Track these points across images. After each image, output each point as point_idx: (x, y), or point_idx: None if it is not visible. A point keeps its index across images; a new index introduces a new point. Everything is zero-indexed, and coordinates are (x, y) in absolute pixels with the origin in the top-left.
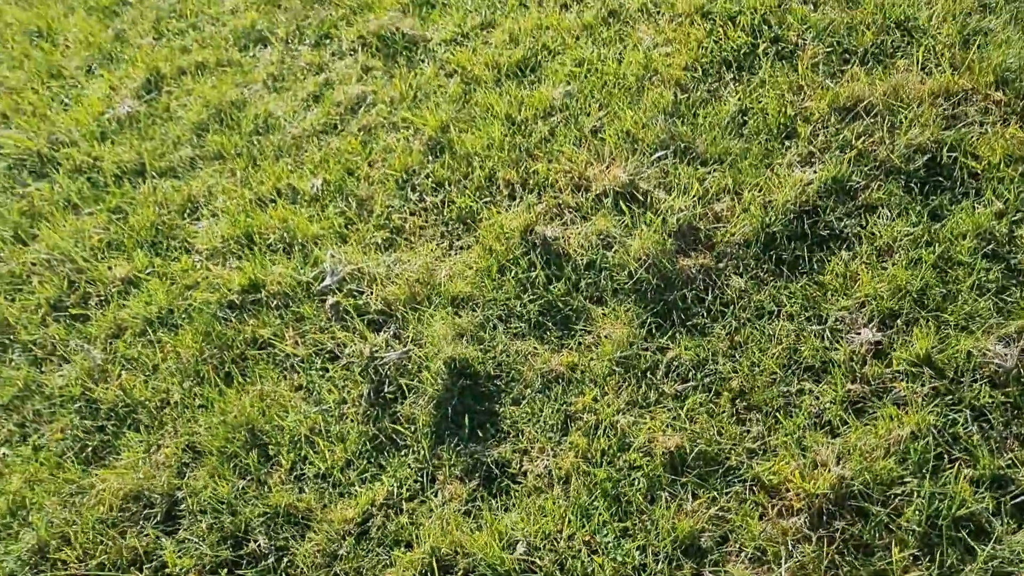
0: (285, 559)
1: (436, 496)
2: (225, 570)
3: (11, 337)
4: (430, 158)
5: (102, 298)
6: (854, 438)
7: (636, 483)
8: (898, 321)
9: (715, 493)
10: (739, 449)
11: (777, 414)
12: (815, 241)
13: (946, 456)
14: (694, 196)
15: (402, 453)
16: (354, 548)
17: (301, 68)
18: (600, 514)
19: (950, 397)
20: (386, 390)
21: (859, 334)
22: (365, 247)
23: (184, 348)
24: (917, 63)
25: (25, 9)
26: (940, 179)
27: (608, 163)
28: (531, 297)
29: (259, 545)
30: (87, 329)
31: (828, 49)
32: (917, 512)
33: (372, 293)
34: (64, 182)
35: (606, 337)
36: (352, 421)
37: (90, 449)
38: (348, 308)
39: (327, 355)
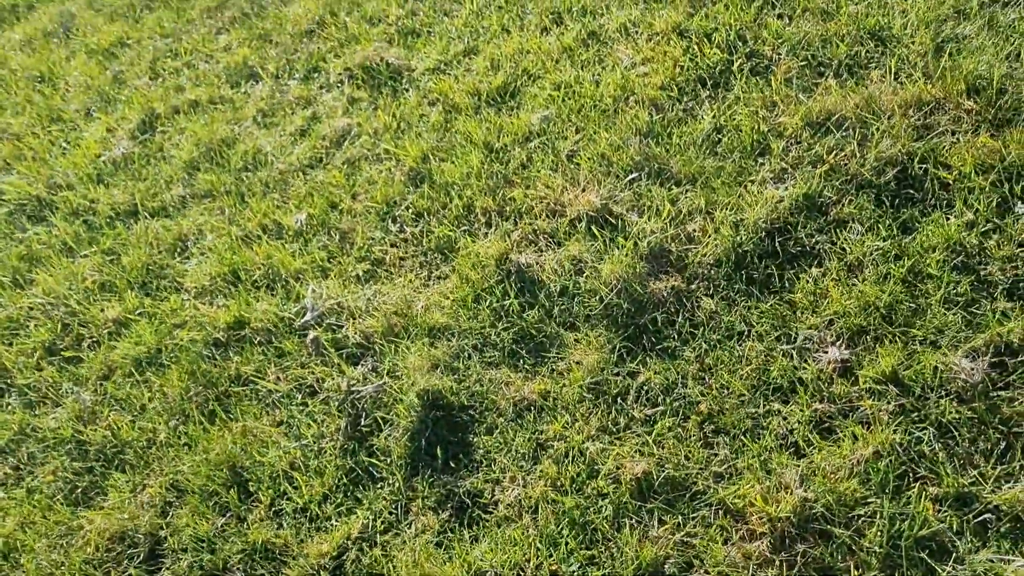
0: None
1: (409, 528)
2: None
3: (8, 381)
4: (411, 188)
5: (94, 340)
6: (819, 459)
7: (603, 510)
8: (866, 337)
9: (681, 518)
10: (706, 473)
11: (744, 437)
12: (786, 259)
13: (910, 475)
14: (666, 218)
15: (378, 486)
16: None
17: (290, 102)
18: (567, 543)
19: (916, 414)
20: (363, 423)
21: (827, 352)
22: (346, 280)
23: (171, 387)
24: (890, 73)
25: (29, 55)
26: (911, 191)
27: (583, 187)
28: (505, 326)
29: None
30: (79, 371)
31: (802, 63)
32: (879, 533)
33: (351, 327)
34: (61, 226)
35: (577, 364)
36: (330, 455)
37: (79, 490)
38: (327, 342)
39: (307, 390)
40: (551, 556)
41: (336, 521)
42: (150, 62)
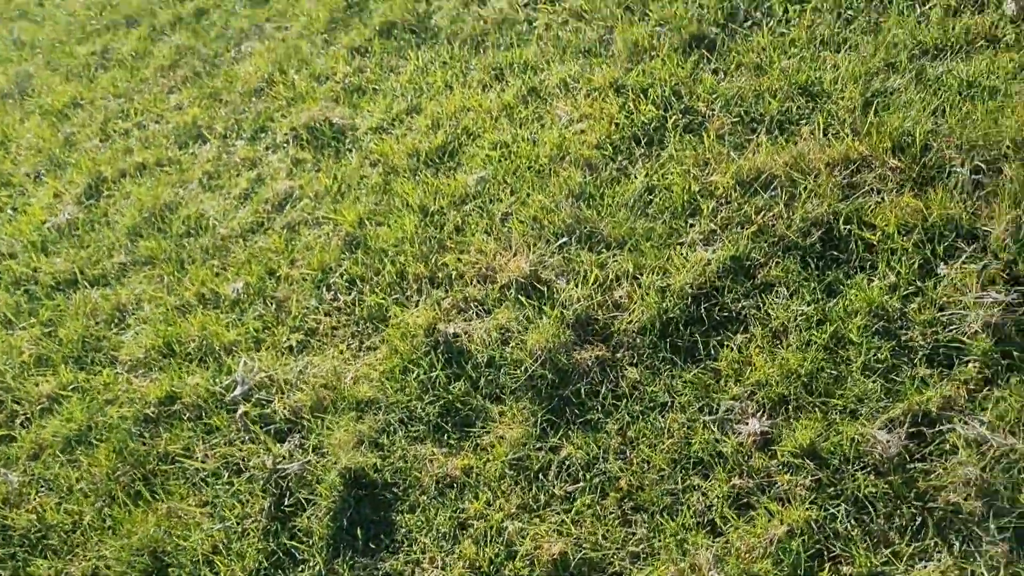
0: None
1: None
2: None
3: None
4: (347, 254)
5: (27, 417)
6: (735, 537)
7: None
8: (786, 407)
9: None
10: (622, 554)
11: (662, 515)
12: (712, 325)
13: (824, 553)
14: (593, 283)
15: (299, 568)
16: None
17: (236, 164)
18: None
19: (832, 489)
20: (286, 503)
21: (747, 424)
22: (279, 352)
23: (98, 467)
24: (819, 129)
25: None
26: (836, 253)
27: (515, 252)
28: (431, 398)
29: None
30: (10, 451)
31: (735, 119)
32: None
33: (279, 401)
34: (2, 296)
35: (501, 439)
36: (252, 537)
37: None
38: (255, 419)
39: (233, 468)
40: None
41: None
42: (101, 123)
